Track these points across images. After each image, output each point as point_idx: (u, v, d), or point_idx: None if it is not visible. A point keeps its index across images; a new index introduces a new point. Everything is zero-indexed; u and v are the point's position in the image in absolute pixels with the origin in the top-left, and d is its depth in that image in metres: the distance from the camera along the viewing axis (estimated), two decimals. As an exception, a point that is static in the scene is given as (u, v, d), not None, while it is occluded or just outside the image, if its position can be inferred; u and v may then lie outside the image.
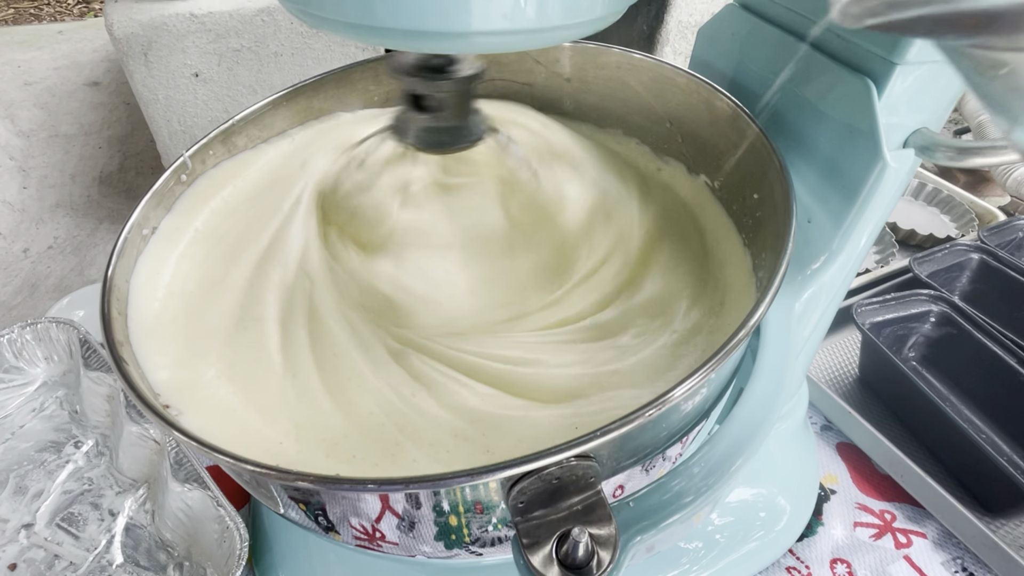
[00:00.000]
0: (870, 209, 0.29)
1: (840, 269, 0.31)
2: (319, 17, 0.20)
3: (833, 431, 0.53)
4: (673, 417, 0.23)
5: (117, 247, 0.28)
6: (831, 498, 0.48)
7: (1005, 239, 0.63)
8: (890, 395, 0.53)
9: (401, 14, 0.19)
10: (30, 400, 0.52)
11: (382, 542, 0.27)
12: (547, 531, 0.20)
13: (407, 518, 0.25)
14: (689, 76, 0.35)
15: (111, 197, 0.81)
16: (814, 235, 0.31)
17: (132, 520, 0.45)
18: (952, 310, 0.53)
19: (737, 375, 0.29)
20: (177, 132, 0.64)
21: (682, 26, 0.76)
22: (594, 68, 0.39)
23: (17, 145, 0.88)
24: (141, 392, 0.22)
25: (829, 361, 0.57)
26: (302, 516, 0.27)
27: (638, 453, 0.23)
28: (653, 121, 0.39)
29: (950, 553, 0.44)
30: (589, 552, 0.20)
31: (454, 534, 0.26)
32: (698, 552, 0.41)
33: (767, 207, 0.30)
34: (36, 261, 0.71)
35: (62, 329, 0.53)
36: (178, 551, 0.43)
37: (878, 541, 0.45)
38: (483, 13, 0.18)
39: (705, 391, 0.24)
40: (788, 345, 0.28)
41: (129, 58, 0.57)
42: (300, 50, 0.62)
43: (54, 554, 0.43)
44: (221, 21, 0.58)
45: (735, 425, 0.25)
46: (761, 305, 0.22)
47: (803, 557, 0.45)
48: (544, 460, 0.19)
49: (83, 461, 0.49)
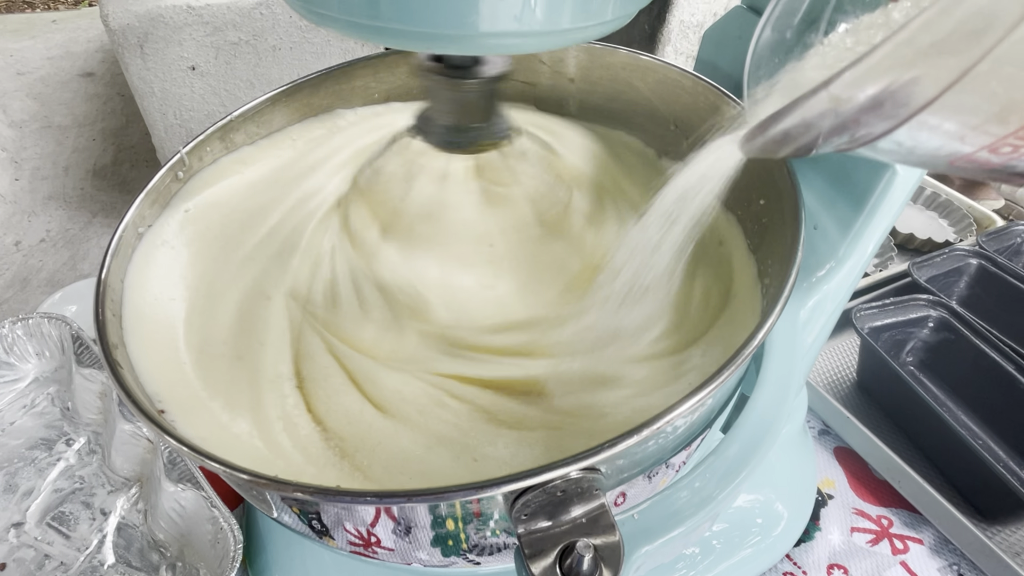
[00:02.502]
0: (878, 217, 0.28)
1: (846, 277, 0.31)
2: (324, 15, 0.20)
3: (831, 436, 0.53)
4: (678, 427, 0.23)
5: (112, 247, 0.27)
6: (828, 503, 0.48)
7: (1004, 244, 0.63)
8: (888, 400, 0.53)
9: (408, 14, 0.18)
10: (21, 396, 0.52)
11: (377, 548, 0.27)
12: (551, 543, 0.20)
13: (403, 524, 0.25)
14: (695, 79, 0.34)
15: (105, 190, 0.80)
16: (820, 242, 0.30)
17: (124, 520, 0.45)
18: (950, 315, 0.53)
19: (741, 383, 0.29)
20: (173, 126, 0.63)
21: (684, 25, 0.76)
22: (599, 68, 0.39)
23: (9, 136, 0.86)
24: (136, 397, 0.22)
25: (828, 365, 0.57)
26: (296, 521, 0.27)
27: (642, 463, 0.23)
28: (658, 123, 0.38)
29: (946, 559, 0.44)
30: (593, 566, 0.19)
31: (452, 541, 0.26)
32: (695, 557, 0.41)
33: (774, 213, 0.30)
34: (28, 254, 0.70)
35: (54, 324, 0.52)
36: (171, 551, 0.43)
37: (875, 547, 0.45)
38: (491, 15, 0.18)
39: (711, 402, 0.24)
40: (793, 353, 0.28)
41: (125, 50, 0.56)
42: (299, 44, 0.61)
43: (44, 554, 0.42)
44: (219, 14, 0.57)
45: (741, 435, 0.24)
46: (769, 317, 0.21)
47: (800, 562, 0.44)
48: (549, 473, 0.18)
49: (75, 459, 0.48)
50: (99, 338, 0.24)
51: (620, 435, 0.19)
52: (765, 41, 0.26)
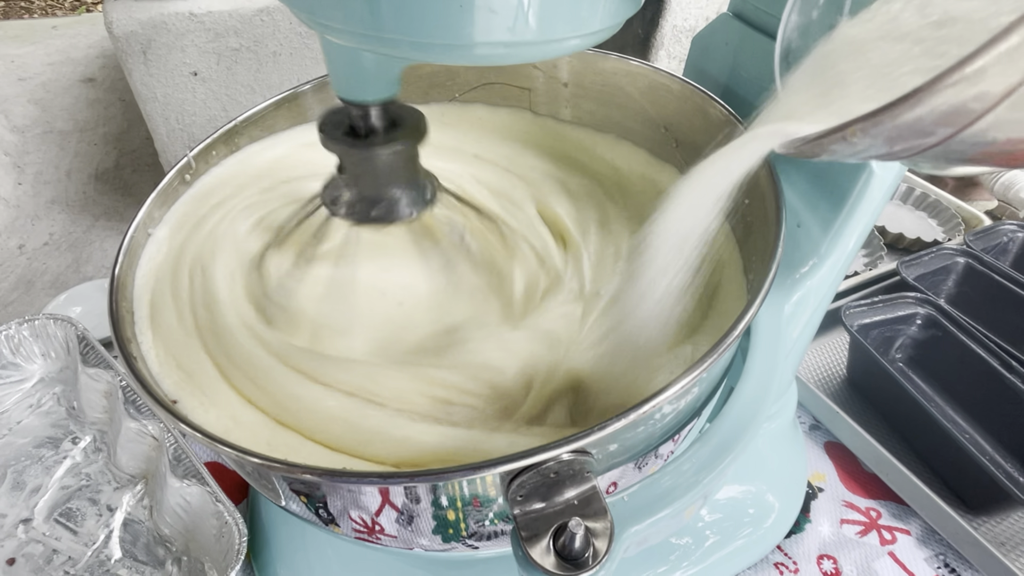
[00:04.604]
0: (857, 215, 0.30)
1: (828, 272, 0.32)
2: (327, 26, 0.21)
3: (821, 430, 0.54)
4: (666, 413, 0.24)
5: (124, 246, 0.29)
6: (819, 496, 0.49)
7: (990, 243, 0.64)
8: (877, 396, 0.54)
9: (406, 25, 0.19)
10: (27, 396, 0.53)
11: (381, 535, 0.28)
12: (545, 524, 0.21)
13: (406, 511, 0.26)
14: (684, 83, 0.36)
15: (107, 194, 0.81)
16: (803, 240, 0.32)
17: (130, 515, 0.46)
18: (938, 313, 0.54)
19: (728, 374, 0.30)
20: (175, 130, 0.64)
21: (676, 30, 0.77)
22: (592, 73, 0.40)
23: (12, 141, 0.87)
24: (152, 389, 0.23)
25: (818, 362, 0.58)
26: (303, 508, 0.28)
27: (632, 450, 0.24)
28: (648, 126, 0.40)
29: (933, 549, 0.46)
30: (585, 543, 0.21)
31: (452, 528, 0.27)
32: (688, 548, 0.42)
33: (758, 212, 0.31)
34: (32, 257, 0.71)
35: (59, 325, 0.53)
36: (176, 546, 0.43)
37: (864, 538, 0.46)
38: (486, 25, 0.19)
39: (697, 390, 0.25)
40: (777, 346, 0.29)
41: (128, 56, 0.57)
42: (299, 50, 0.62)
43: (53, 549, 0.43)
44: (220, 20, 0.58)
45: (725, 423, 0.25)
46: (750, 309, 0.23)
47: (791, 553, 0.46)
48: (543, 455, 0.20)
49: (81, 457, 0.49)
50: (114, 333, 0.25)
51: (609, 419, 0.20)
52: (793, 25, 0.27)
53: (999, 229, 0.65)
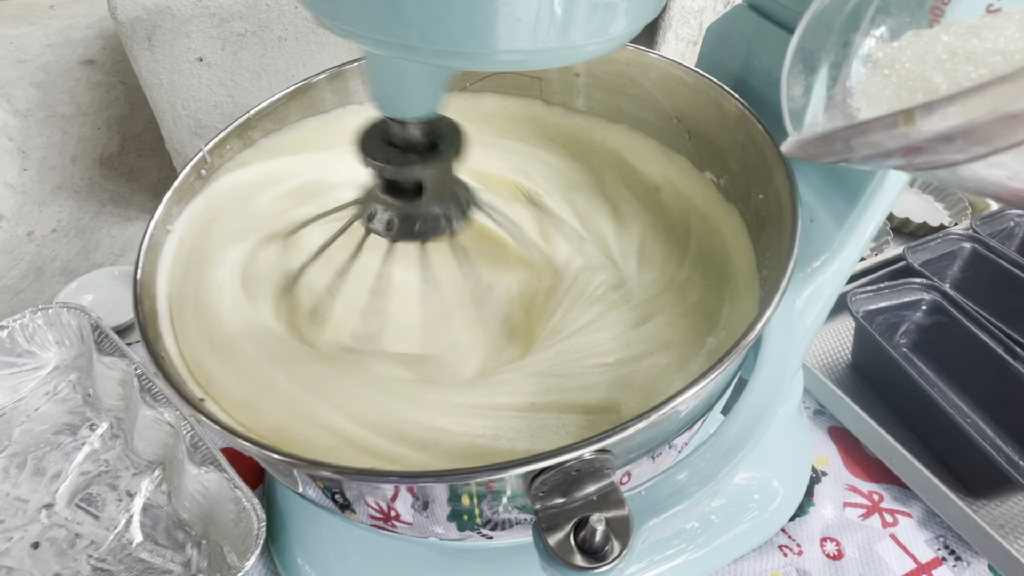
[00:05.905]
0: (871, 210, 0.30)
1: (840, 267, 0.32)
2: (349, 31, 0.21)
3: (825, 415, 0.55)
4: (682, 412, 0.25)
5: (144, 246, 0.29)
6: (822, 480, 0.50)
7: (997, 228, 0.64)
8: (881, 381, 0.54)
9: (428, 32, 0.19)
10: (43, 383, 0.53)
11: (396, 522, 0.29)
12: (565, 518, 0.22)
13: (421, 499, 0.27)
14: (698, 75, 0.36)
15: (113, 180, 0.81)
16: (816, 234, 0.32)
17: (149, 500, 0.47)
18: (943, 299, 0.54)
19: (741, 368, 0.31)
20: (181, 116, 0.64)
21: (685, 11, 0.76)
22: (604, 63, 0.40)
23: (15, 125, 0.87)
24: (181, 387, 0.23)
25: (823, 347, 0.59)
26: (319, 495, 0.29)
27: (649, 444, 0.25)
28: (661, 117, 0.40)
29: (933, 532, 0.47)
30: (605, 538, 0.21)
31: (467, 516, 0.27)
32: (695, 532, 0.43)
33: (772, 207, 0.31)
34: (41, 244, 0.72)
35: (73, 314, 0.53)
36: (195, 530, 0.45)
37: (866, 520, 0.47)
38: (509, 33, 0.19)
39: (712, 387, 0.26)
40: (789, 340, 0.30)
41: (133, 43, 0.57)
42: (304, 35, 0.62)
43: (75, 533, 0.45)
44: (225, 5, 0.57)
45: (740, 417, 0.26)
46: (767, 311, 0.23)
47: (795, 536, 0.47)
48: (566, 455, 0.20)
49: (99, 443, 0.50)
50: (142, 335, 0.25)
51: (630, 419, 0.21)
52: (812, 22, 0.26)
53: (1006, 214, 0.65)
